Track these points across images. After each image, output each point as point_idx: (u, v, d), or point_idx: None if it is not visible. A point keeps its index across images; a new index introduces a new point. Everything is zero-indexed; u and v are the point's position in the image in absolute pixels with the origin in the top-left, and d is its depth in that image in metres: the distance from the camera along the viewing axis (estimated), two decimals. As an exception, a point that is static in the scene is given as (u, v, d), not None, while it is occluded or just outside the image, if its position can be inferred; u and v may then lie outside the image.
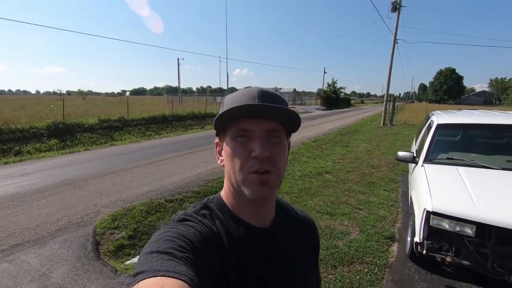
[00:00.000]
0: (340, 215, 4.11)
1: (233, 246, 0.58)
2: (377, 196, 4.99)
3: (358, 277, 2.65)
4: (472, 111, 4.29)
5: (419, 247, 2.51)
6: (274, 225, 0.65)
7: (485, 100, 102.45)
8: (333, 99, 42.83)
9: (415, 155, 3.46)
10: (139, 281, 0.40)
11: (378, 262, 2.88)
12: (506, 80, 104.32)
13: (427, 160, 3.27)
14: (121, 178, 5.98)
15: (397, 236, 3.50)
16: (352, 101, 74.11)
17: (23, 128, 10.24)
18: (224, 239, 0.58)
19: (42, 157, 8.37)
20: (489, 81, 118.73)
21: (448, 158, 3.17)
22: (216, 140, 0.66)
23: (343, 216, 4.06)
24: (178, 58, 34.74)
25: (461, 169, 2.88)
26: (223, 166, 0.63)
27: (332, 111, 34.88)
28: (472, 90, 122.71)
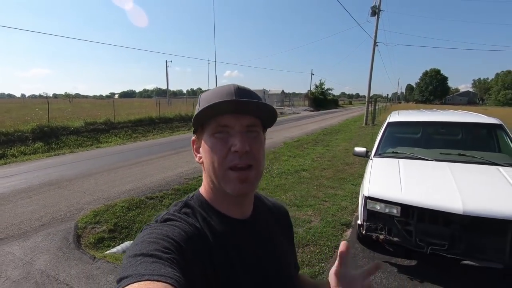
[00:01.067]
0: (306, 207, 4.48)
1: (218, 241, 0.58)
2: (344, 190, 5.39)
3: (309, 256, 3.02)
4: (425, 110, 4.74)
5: (361, 228, 2.89)
6: (254, 215, 0.66)
7: (469, 100, 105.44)
8: (320, 100, 43.57)
9: (367, 150, 3.87)
10: (123, 287, 0.40)
11: (330, 244, 3.27)
12: (488, 81, 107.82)
13: (377, 154, 3.67)
14: (105, 178, 6.22)
15: (353, 223, 3.89)
16: (340, 102, 75.34)
17: (7, 131, 10.30)
18: (208, 235, 0.58)
19: (27, 160, 8.50)
20: (472, 82, 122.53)
21: (393, 152, 3.58)
22: (193, 137, 0.66)
23: (308, 208, 4.44)
24: (166, 61, 34.92)
25: (402, 161, 3.29)
26: (201, 163, 0.63)
27: (320, 112, 35.54)
28: (457, 90, 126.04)
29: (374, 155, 3.68)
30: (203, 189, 0.66)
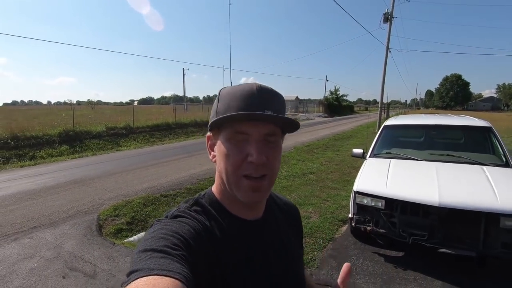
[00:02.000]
0: (308, 205, 4.76)
1: (227, 240, 0.59)
2: (346, 191, 5.61)
3: (304, 246, 3.30)
4: (422, 115, 4.93)
5: (351, 221, 3.16)
6: (265, 216, 0.66)
7: (493, 106, 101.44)
8: (335, 106, 43.43)
9: (364, 151, 4.12)
10: (132, 281, 0.41)
11: (324, 236, 3.54)
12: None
13: (372, 155, 3.93)
14: (124, 178, 6.74)
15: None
16: (356, 108, 74.50)
17: (37, 135, 11.18)
18: (217, 234, 0.58)
19: (54, 161, 9.23)
20: (496, 87, 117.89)
21: (387, 153, 3.83)
22: (209, 133, 0.64)
23: (309, 206, 4.71)
24: (183, 69, 35.99)
25: (393, 161, 3.53)
26: (215, 162, 0.62)
27: (334, 118, 35.44)
28: (480, 96, 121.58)
29: (370, 155, 3.93)
30: (215, 188, 0.66)
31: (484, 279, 2.72)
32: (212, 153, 0.64)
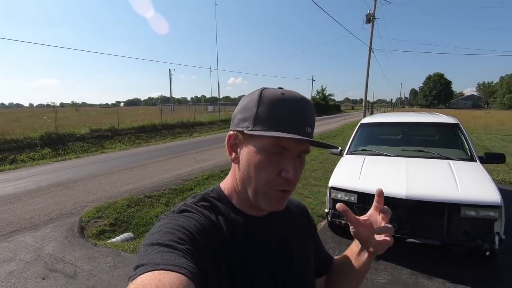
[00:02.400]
0: (290, 202, 4.88)
1: (233, 235, 0.59)
2: (327, 188, 5.77)
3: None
4: (397, 113, 5.13)
5: (328, 215, 3.29)
6: (271, 214, 0.66)
7: (474, 103, 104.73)
8: (322, 106, 43.99)
9: (341, 149, 4.27)
10: (138, 275, 0.41)
11: (303, 231, 3.66)
12: (493, 84, 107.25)
13: (349, 152, 4.08)
14: (107, 180, 6.70)
15: (330, 215, 4.28)
16: (343, 108, 75.64)
17: (17, 138, 10.91)
18: (224, 229, 0.59)
19: (35, 164, 9.05)
20: (477, 85, 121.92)
21: (362, 150, 3.99)
22: (232, 132, 0.62)
23: (291, 203, 4.83)
24: (170, 69, 35.76)
25: (367, 157, 3.69)
26: (236, 163, 0.62)
27: (321, 117, 35.87)
28: (461, 94, 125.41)
29: (346, 152, 4.08)
30: (225, 186, 0.65)
31: (447, 266, 2.91)
32: (234, 154, 0.62)
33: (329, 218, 3.22)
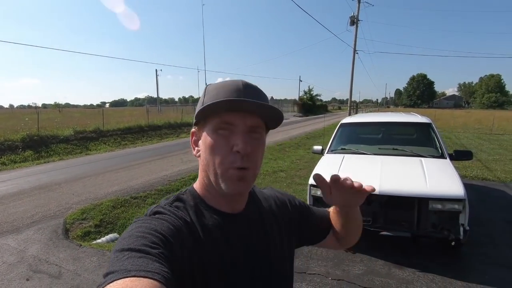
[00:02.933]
0: (274, 200, 5.01)
1: (209, 234, 0.59)
2: (311, 186, 5.95)
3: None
4: (376, 113, 5.35)
5: (308, 212, 3.43)
6: (246, 210, 0.67)
7: (455, 103, 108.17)
8: (309, 106, 44.50)
9: (323, 148, 4.44)
10: (108, 283, 0.39)
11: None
12: (473, 84, 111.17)
13: (329, 151, 4.25)
14: (92, 181, 6.65)
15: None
16: (330, 108, 76.72)
17: (-3, 141, 10.62)
18: (198, 229, 0.58)
19: (17, 167, 8.85)
20: (458, 86, 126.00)
21: (342, 149, 4.16)
22: (193, 129, 0.65)
23: (275, 201, 4.96)
24: (156, 70, 35.40)
25: (346, 155, 3.86)
26: (199, 157, 0.63)
27: (308, 117, 36.32)
28: (444, 94, 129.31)
29: (327, 151, 4.25)
30: (197, 184, 0.66)
31: (417, 256, 3.12)
32: (196, 148, 0.64)
33: (309, 214, 3.36)
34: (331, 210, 0.83)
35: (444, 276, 2.76)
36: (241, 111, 0.57)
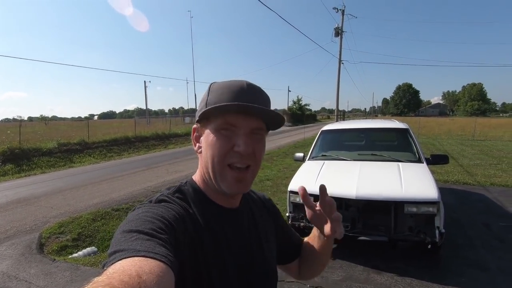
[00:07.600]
0: (258, 209, 4.97)
1: (208, 225, 0.61)
2: (296, 193, 5.94)
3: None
4: (355, 120, 5.44)
5: (288, 219, 3.41)
6: (242, 206, 0.70)
7: (440, 111, 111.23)
8: (298, 115, 44.91)
9: (304, 155, 4.46)
10: (117, 260, 0.40)
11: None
12: (457, 93, 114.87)
13: (310, 157, 4.27)
14: (73, 194, 6.47)
15: (295, 220, 4.41)
16: (319, 117, 77.70)
17: (-24, 155, 10.28)
18: (199, 219, 0.61)
19: (-5, 182, 8.55)
20: (442, 94, 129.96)
21: (323, 155, 4.19)
22: (195, 125, 0.67)
23: (259, 209, 4.92)
24: (144, 81, 35.31)
25: (327, 162, 3.88)
26: (200, 153, 0.65)
27: (297, 127, 36.61)
28: (429, 102, 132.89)
29: (308, 158, 4.27)
30: (197, 177, 0.68)
31: (395, 260, 3.12)
32: (198, 144, 0.66)
33: (289, 222, 3.33)
34: (308, 238, 0.86)
35: (422, 280, 2.76)
36: (244, 114, 0.59)
